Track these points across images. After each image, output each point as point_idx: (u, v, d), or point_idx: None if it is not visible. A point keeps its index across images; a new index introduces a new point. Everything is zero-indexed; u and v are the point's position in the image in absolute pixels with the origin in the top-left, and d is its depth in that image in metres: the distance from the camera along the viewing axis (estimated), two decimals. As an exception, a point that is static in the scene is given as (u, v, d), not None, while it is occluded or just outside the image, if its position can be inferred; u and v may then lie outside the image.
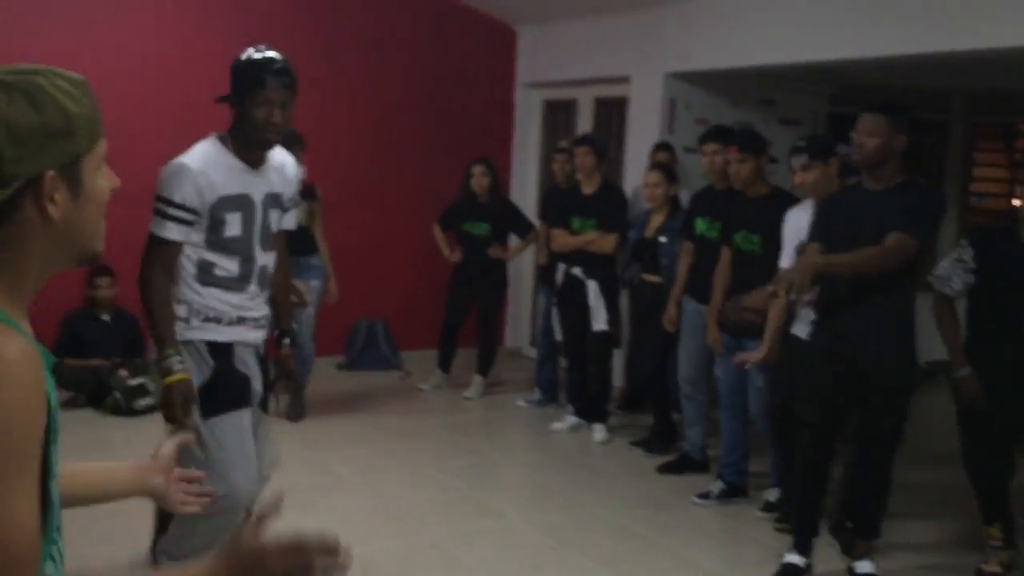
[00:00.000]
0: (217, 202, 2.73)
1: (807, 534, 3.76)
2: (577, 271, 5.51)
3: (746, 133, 4.53)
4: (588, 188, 5.57)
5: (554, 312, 5.80)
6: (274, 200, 2.88)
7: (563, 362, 6.01)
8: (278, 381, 3.12)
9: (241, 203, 2.77)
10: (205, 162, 2.74)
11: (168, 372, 2.70)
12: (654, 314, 5.20)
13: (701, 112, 6.27)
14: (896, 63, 5.11)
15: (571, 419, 5.74)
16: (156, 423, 5.51)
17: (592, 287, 5.45)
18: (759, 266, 4.15)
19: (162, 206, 2.72)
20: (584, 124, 7.15)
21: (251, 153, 2.80)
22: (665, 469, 5.03)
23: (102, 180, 1.21)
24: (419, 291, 7.23)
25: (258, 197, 2.81)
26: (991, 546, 3.88)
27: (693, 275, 4.87)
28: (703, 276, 4.75)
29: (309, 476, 4.74)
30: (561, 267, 5.64)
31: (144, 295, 2.75)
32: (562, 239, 5.61)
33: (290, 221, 3.06)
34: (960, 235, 7.95)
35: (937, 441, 5.28)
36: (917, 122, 8.29)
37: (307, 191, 5.53)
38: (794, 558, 3.72)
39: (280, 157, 2.95)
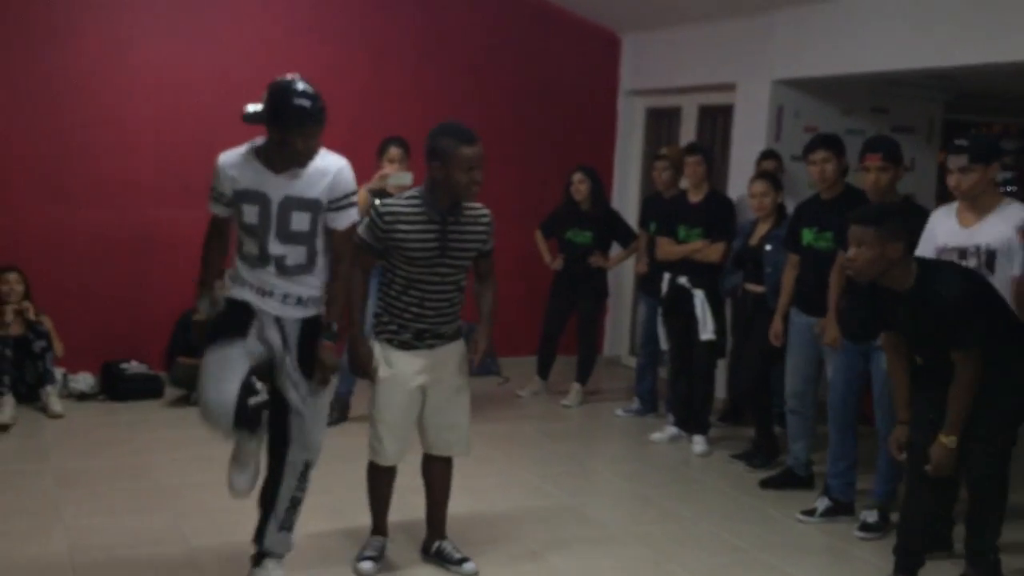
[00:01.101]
0: (236, 193, 3.23)
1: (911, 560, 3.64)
2: (683, 280, 5.45)
3: (888, 141, 4.35)
4: (695, 197, 5.50)
5: (659, 321, 5.74)
6: (298, 203, 3.22)
7: (664, 372, 5.95)
8: (312, 368, 3.36)
9: (257, 198, 3.22)
10: (233, 160, 3.25)
11: (196, 311, 3.44)
12: (756, 324, 5.10)
13: (810, 120, 6.13)
14: (1017, 69, 4.90)
15: (671, 429, 5.67)
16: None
17: (699, 296, 5.38)
18: None
19: (210, 189, 3.31)
20: (688, 132, 7.07)
21: (279, 163, 3.21)
22: (768, 484, 4.92)
23: None
24: (519, 297, 7.24)
25: (276, 196, 3.21)
26: None
27: (800, 287, 4.75)
28: (811, 288, 4.64)
29: (409, 479, 4.79)
30: (666, 276, 5.58)
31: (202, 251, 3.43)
32: (668, 248, 5.55)
33: (342, 220, 3.31)
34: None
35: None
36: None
37: None
38: None
39: (324, 163, 3.25)
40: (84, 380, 5.90)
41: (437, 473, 3.77)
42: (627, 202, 7.55)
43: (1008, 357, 3.44)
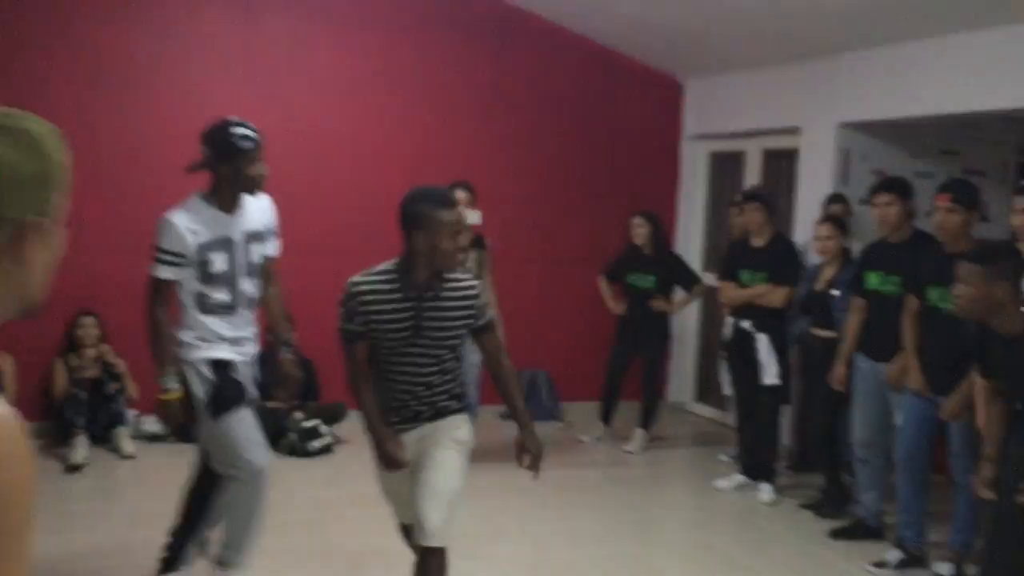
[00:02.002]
0: (200, 248, 3.31)
1: None
2: (746, 324, 5.40)
3: (961, 183, 4.26)
4: (759, 241, 5.46)
5: (723, 366, 5.67)
6: (254, 236, 3.46)
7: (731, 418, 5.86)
8: (279, 383, 3.66)
9: (224, 245, 3.35)
10: (189, 216, 3.32)
11: (166, 390, 3.35)
12: (825, 370, 5.01)
13: (877, 163, 6.05)
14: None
15: (738, 477, 5.57)
16: (330, 463, 5.71)
17: (762, 340, 5.32)
18: (953, 324, 3.93)
19: (157, 253, 3.32)
20: (752, 176, 7.03)
21: (232, 203, 3.38)
22: (838, 534, 4.79)
23: (61, 232, 1.21)
24: (582, 342, 7.24)
25: (237, 237, 3.39)
26: None
27: (866, 331, 4.67)
28: (877, 332, 4.55)
29: (471, 524, 4.78)
30: (730, 321, 5.53)
31: (148, 324, 3.35)
32: (731, 292, 5.51)
33: (271, 249, 3.58)
34: None
35: None
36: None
37: (476, 241, 5.68)
38: None
39: (257, 199, 3.48)
40: (155, 422, 6.03)
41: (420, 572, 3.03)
42: (691, 246, 7.52)
43: None
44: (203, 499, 3.57)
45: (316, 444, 5.71)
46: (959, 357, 3.79)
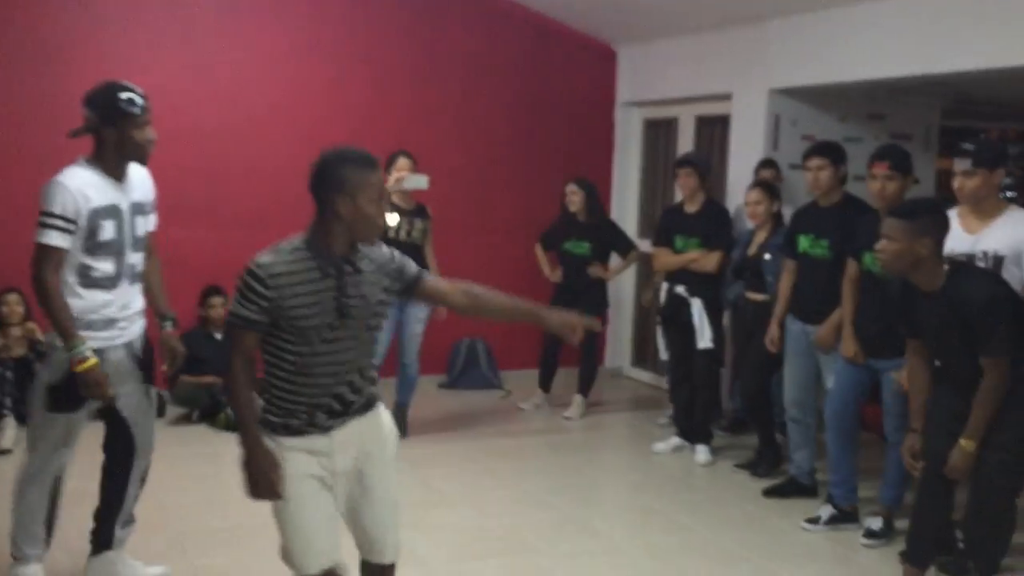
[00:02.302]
0: (92, 212, 3.16)
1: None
2: (680, 289, 5.46)
3: (897, 150, 4.33)
4: (692, 207, 5.52)
5: (659, 331, 5.75)
6: (138, 208, 3.34)
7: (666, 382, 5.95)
8: (166, 358, 3.55)
9: (112, 212, 3.23)
10: (83, 180, 3.18)
11: (82, 360, 3.11)
12: (758, 333, 5.10)
13: (807, 128, 6.14)
14: (1013, 76, 4.91)
15: (674, 440, 5.67)
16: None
17: (696, 305, 5.39)
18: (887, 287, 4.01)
19: (46, 218, 3.13)
20: (685, 142, 7.09)
21: (118, 170, 3.26)
22: (771, 493, 4.92)
23: None
24: (519, 310, 7.26)
25: (125, 206, 3.28)
26: None
27: (796, 294, 4.76)
28: (807, 295, 4.65)
29: (414, 493, 4.80)
30: (664, 286, 5.60)
31: (44, 297, 3.14)
32: (665, 258, 5.57)
33: (151, 224, 3.48)
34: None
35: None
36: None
37: (420, 210, 5.65)
38: None
39: (138, 170, 3.37)
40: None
41: None
42: (626, 213, 7.57)
43: None
44: (118, 477, 3.50)
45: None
46: (893, 320, 3.88)
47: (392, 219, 5.48)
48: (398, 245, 5.44)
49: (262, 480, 2.50)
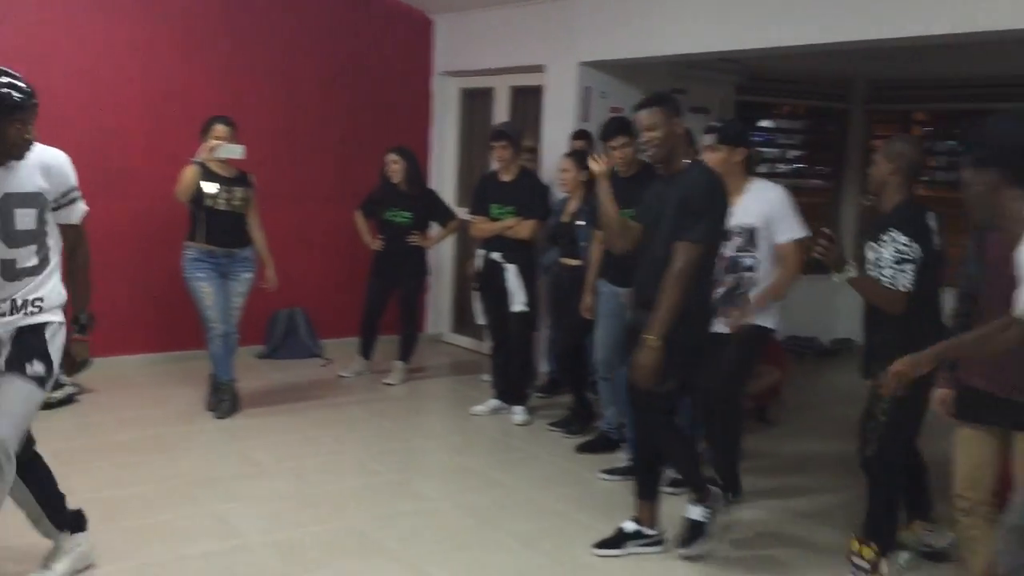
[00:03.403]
0: None
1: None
2: (496, 256, 5.62)
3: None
4: (507, 176, 5.68)
5: (475, 296, 5.90)
6: (21, 200, 3.06)
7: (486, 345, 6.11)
8: (71, 361, 3.32)
9: None
10: None
11: None
12: (573, 296, 5.31)
13: (616, 100, 6.41)
14: (801, 52, 5.31)
15: (492, 402, 5.85)
16: (74, 413, 5.43)
17: (511, 270, 5.57)
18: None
19: None
20: (501, 112, 7.24)
21: None
22: (584, 448, 5.17)
23: None
24: (340, 279, 7.25)
25: None
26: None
27: (607, 259, 5.01)
28: (617, 259, 4.88)
29: (231, 466, 4.76)
30: (481, 253, 5.74)
31: None
32: (482, 226, 5.71)
33: (74, 215, 3.24)
34: (861, 220, 8.30)
35: (849, 414, 5.54)
36: (819, 110, 8.63)
37: (241, 178, 5.53)
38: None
39: (43, 157, 3.12)
40: None
41: None
42: (444, 181, 7.66)
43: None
44: (36, 474, 3.30)
45: (57, 395, 5.41)
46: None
47: (210, 187, 5.35)
48: (219, 214, 5.39)
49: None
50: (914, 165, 3.54)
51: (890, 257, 3.40)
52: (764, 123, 8.32)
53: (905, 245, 3.38)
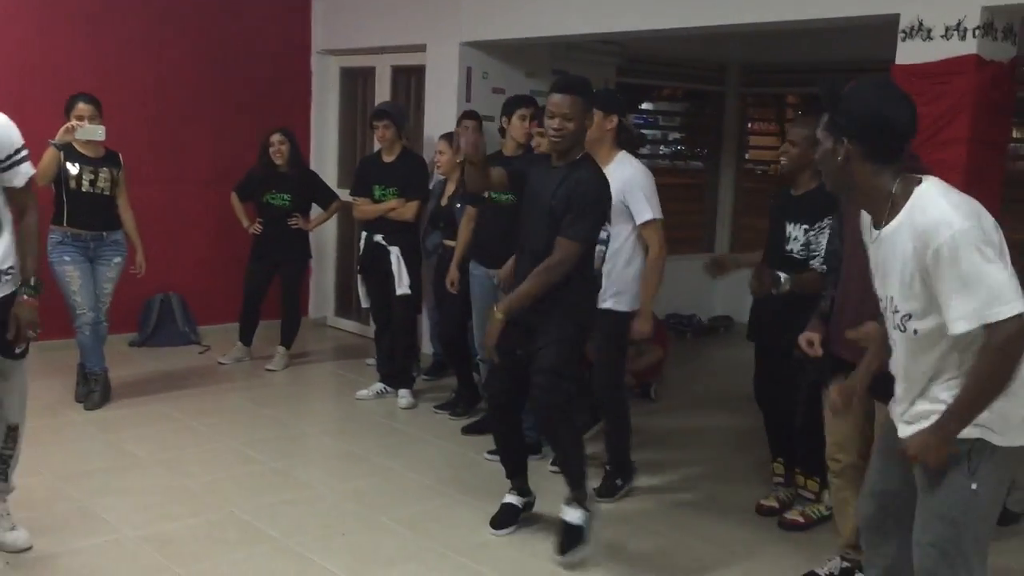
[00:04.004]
0: None
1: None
2: (379, 238, 5.55)
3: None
4: (389, 156, 5.60)
5: (359, 280, 5.82)
6: None
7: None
8: (11, 326, 3.27)
9: None
10: None
11: None
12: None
13: (497, 81, 6.40)
14: (679, 36, 5.41)
15: (377, 386, 5.79)
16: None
17: (394, 253, 5.50)
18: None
19: None
20: (383, 92, 7.13)
21: None
22: (469, 430, 5.17)
23: None
24: (218, 263, 7.04)
25: None
26: (774, 483, 4.25)
27: (480, 240, 4.99)
28: (490, 240, 4.88)
29: (102, 459, 4.58)
30: (363, 235, 5.66)
31: None
32: (364, 207, 5.62)
33: (20, 177, 3.23)
34: (738, 202, 8.55)
35: (729, 388, 5.70)
36: (697, 93, 8.82)
37: (110, 158, 5.29)
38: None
39: None
40: None
41: None
42: (325, 162, 7.52)
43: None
44: None
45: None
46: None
47: (72, 168, 5.10)
48: (83, 196, 5.14)
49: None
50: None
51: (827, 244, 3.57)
52: (645, 105, 8.45)
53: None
